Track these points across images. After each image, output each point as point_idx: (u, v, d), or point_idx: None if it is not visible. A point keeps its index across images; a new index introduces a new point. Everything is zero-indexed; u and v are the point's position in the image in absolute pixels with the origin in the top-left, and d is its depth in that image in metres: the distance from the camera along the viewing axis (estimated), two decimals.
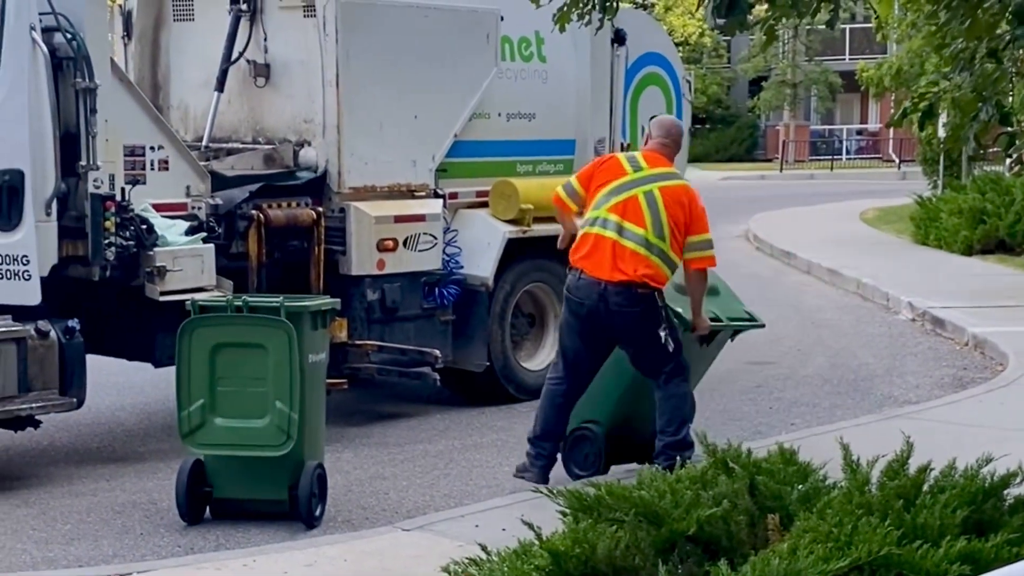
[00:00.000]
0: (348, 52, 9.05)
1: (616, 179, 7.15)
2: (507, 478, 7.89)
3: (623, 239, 7.04)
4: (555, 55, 10.40)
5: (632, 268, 7.01)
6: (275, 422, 6.81)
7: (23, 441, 8.48)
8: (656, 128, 7.50)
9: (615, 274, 7.01)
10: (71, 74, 7.71)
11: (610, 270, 7.02)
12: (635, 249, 7.04)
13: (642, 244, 7.06)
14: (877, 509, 4.52)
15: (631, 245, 7.04)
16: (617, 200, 7.09)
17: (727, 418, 9.56)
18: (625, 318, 7.03)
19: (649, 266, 7.05)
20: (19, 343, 7.47)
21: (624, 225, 7.06)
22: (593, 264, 7.06)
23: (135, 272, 8.01)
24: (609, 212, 7.08)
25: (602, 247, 7.06)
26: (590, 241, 7.11)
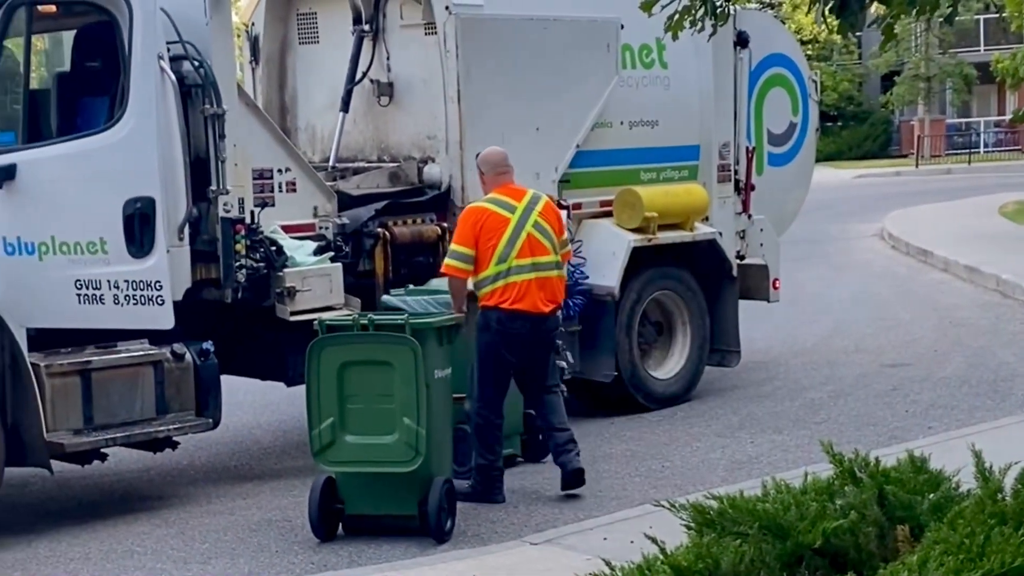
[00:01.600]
0: (469, 68, 9.12)
1: (504, 230, 7.63)
2: (637, 489, 7.88)
3: (542, 272, 7.69)
4: (677, 61, 10.35)
5: (557, 294, 7.83)
6: (403, 438, 6.89)
7: (162, 462, 8.70)
8: (487, 166, 7.92)
9: (548, 305, 7.74)
10: (199, 101, 7.88)
11: (544, 303, 7.70)
12: (557, 275, 7.81)
13: (555, 267, 7.79)
14: (1011, 518, 4.40)
15: (553, 274, 7.76)
16: (518, 246, 7.64)
17: (861, 423, 9.41)
18: (551, 338, 7.92)
19: (562, 287, 7.93)
20: (156, 366, 7.67)
21: (537, 261, 7.68)
22: (528, 304, 7.63)
23: (266, 293, 8.16)
24: (516, 258, 7.63)
25: (531, 289, 7.65)
26: (516, 288, 7.63)
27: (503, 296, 7.60)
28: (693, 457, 8.66)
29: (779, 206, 11.39)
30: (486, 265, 7.62)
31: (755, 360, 11.55)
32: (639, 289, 10.02)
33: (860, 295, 15.58)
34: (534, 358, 7.80)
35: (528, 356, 7.75)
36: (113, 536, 7.34)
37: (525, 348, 7.69)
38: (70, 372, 7.41)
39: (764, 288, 11.09)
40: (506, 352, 7.65)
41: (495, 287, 7.62)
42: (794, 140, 11.60)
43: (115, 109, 7.56)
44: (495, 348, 7.65)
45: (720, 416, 9.85)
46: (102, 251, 7.37)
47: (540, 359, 7.87)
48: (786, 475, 5.63)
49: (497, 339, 7.62)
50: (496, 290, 7.62)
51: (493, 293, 7.63)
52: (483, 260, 7.63)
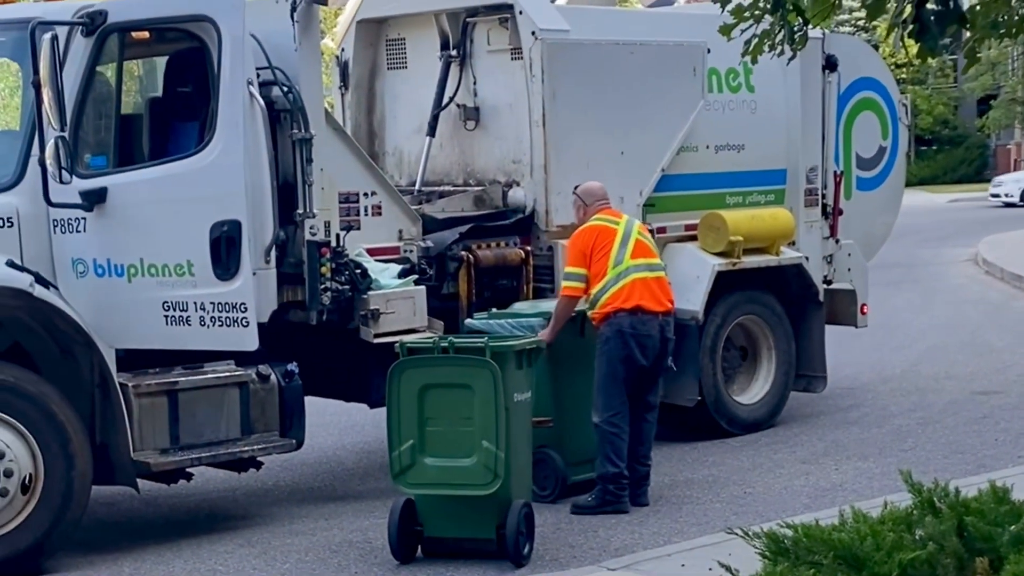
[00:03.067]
0: (555, 92, 9.15)
1: (614, 238, 8.08)
2: (718, 515, 7.83)
3: (656, 272, 8.13)
4: (763, 84, 10.31)
5: (671, 294, 8.21)
6: (482, 461, 6.92)
7: (247, 482, 8.81)
8: (589, 197, 8.36)
9: (666, 304, 8.11)
10: (288, 125, 7.99)
11: (663, 302, 8.08)
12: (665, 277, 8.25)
13: (663, 269, 8.28)
14: None
15: (663, 274, 8.24)
16: (630, 248, 8.07)
17: (950, 451, 9.28)
18: (669, 345, 8.15)
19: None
20: (241, 387, 7.77)
21: (650, 262, 8.14)
22: (650, 300, 8.00)
23: (350, 315, 8.24)
24: (631, 259, 8.03)
25: (650, 285, 8.04)
26: (636, 285, 8.01)
27: (627, 296, 7.97)
28: (776, 484, 8.59)
29: (868, 231, 11.28)
30: (603, 274, 8.04)
31: (842, 386, 11.42)
32: (723, 313, 9.98)
33: (952, 321, 15.35)
34: (657, 361, 8.07)
35: (653, 357, 8.02)
36: (197, 555, 7.44)
37: (653, 347, 7.99)
38: (157, 392, 7.53)
39: (852, 313, 10.98)
40: (638, 352, 7.94)
41: (616, 289, 7.99)
42: (884, 164, 11.48)
43: (204, 133, 7.67)
44: (625, 352, 7.95)
45: (805, 442, 9.75)
46: (189, 273, 7.48)
47: (658, 366, 8.13)
48: (866, 504, 5.57)
49: (628, 342, 7.94)
50: (618, 292, 7.98)
51: (616, 296, 7.99)
52: (598, 273, 8.04)
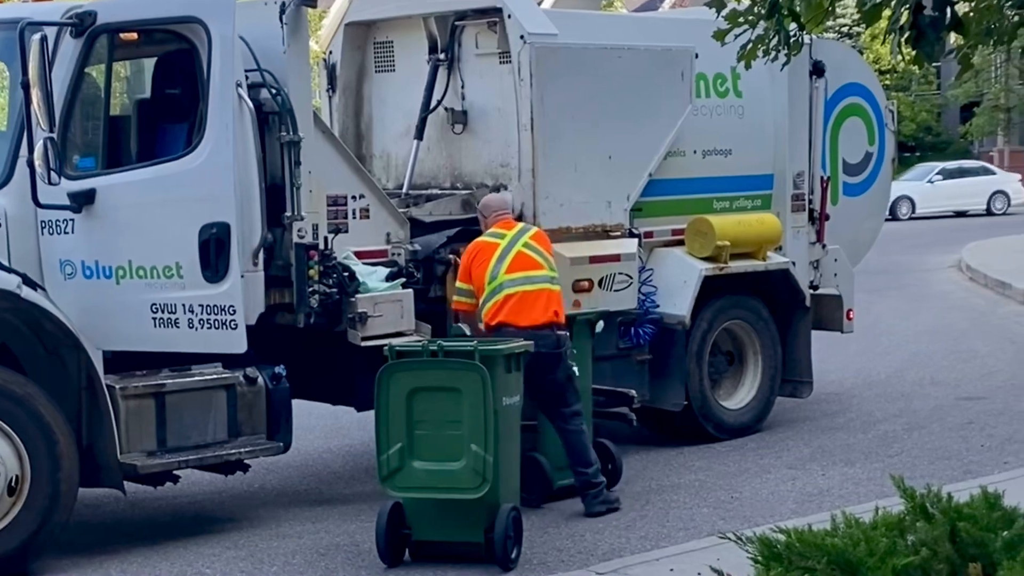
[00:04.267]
0: (543, 96, 9.13)
1: (494, 252, 8.03)
2: (705, 520, 7.83)
3: (536, 285, 7.94)
4: (751, 90, 10.32)
5: (552, 306, 7.94)
6: (470, 465, 6.91)
7: (234, 485, 8.78)
8: (487, 210, 8.37)
9: (539, 317, 7.87)
10: (276, 128, 7.97)
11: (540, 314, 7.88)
12: (549, 290, 7.98)
13: (548, 281, 8.00)
14: None
15: (546, 286, 7.97)
16: (507, 263, 7.98)
17: (936, 456, 9.30)
18: (556, 356, 7.90)
19: (559, 302, 8.02)
20: (228, 389, 7.74)
21: (529, 275, 7.96)
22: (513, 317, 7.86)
23: (338, 318, 8.21)
24: (506, 273, 7.95)
25: (526, 299, 7.90)
26: (509, 300, 7.91)
27: (495, 312, 7.93)
28: (763, 489, 8.59)
29: (854, 236, 11.29)
30: (482, 289, 8.03)
31: (828, 391, 11.44)
32: (710, 318, 9.98)
33: (936, 327, 15.39)
34: (542, 373, 7.81)
35: (538, 372, 7.72)
36: (183, 558, 7.41)
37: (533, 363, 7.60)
38: (145, 394, 7.51)
39: (838, 319, 11.00)
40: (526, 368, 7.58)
41: (491, 304, 7.97)
42: (870, 170, 11.50)
43: (193, 135, 7.66)
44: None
45: (791, 447, 9.76)
46: (177, 275, 7.46)
47: (544, 378, 7.87)
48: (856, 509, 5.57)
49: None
50: (491, 307, 7.96)
51: (490, 311, 7.97)
52: (479, 288, 8.05)
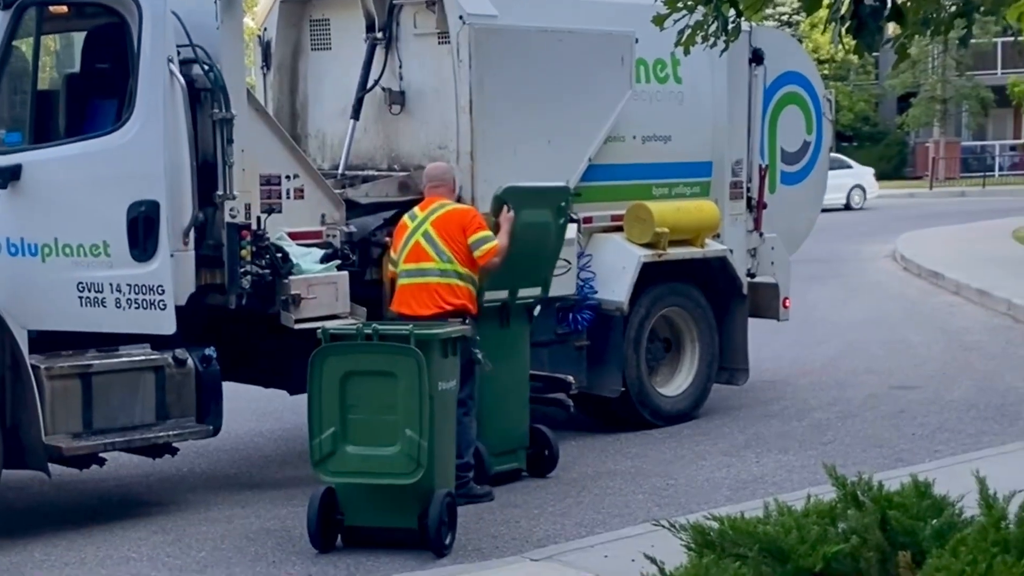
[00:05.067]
0: (482, 78, 9.06)
1: (403, 235, 8.04)
2: (640, 507, 7.81)
3: (423, 278, 7.87)
4: (691, 76, 10.29)
5: (439, 300, 7.83)
6: (405, 450, 6.83)
7: (162, 468, 8.64)
8: (424, 177, 8.31)
9: (422, 310, 7.81)
10: (208, 105, 7.84)
11: (420, 306, 7.82)
12: (436, 283, 7.86)
13: (438, 274, 7.86)
14: (1014, 547, 4.32)
15: (433, 280, 7.86)
16: (405, 252, 7.98)
17: (868, 445, 9.34)
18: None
19: (453, 294, 7.85)
20: (157, 371, 7.61)
21: (421, 267, 7.90)
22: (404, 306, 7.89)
23: (271, 300, 8.10)
24: (403, 263, 7.98)
25: (411, 291, 7.89)
26: (400, 291, 7.96)
27: (395, 298, 8.01)
28: (698, 475, 8.59)
29: (791, 224, 11.31)
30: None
31: (763, 379, 11.47)
32: (648, 305, 9.96)
33: (871, 316, 15.49)
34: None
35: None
36: (109, 542, 7.28)
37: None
38: (70, 375, 7.37)
39: (774, 307, 11.02)
40: None
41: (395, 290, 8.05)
42: (808, 159, 11.53)
43: (123, 111, 7.53)
44: None
45: (727, 435, 9.77)
46: (105, 254, 7.33)
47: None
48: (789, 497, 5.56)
49: None
50: (394, 293, 8.05)
51: (392, 297, 8.07)
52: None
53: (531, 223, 8.39)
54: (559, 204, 8.63)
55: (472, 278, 7.98)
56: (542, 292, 8.67)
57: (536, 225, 8.46)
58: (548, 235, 8.59)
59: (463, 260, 7.91)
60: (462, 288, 7.92)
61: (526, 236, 8.35)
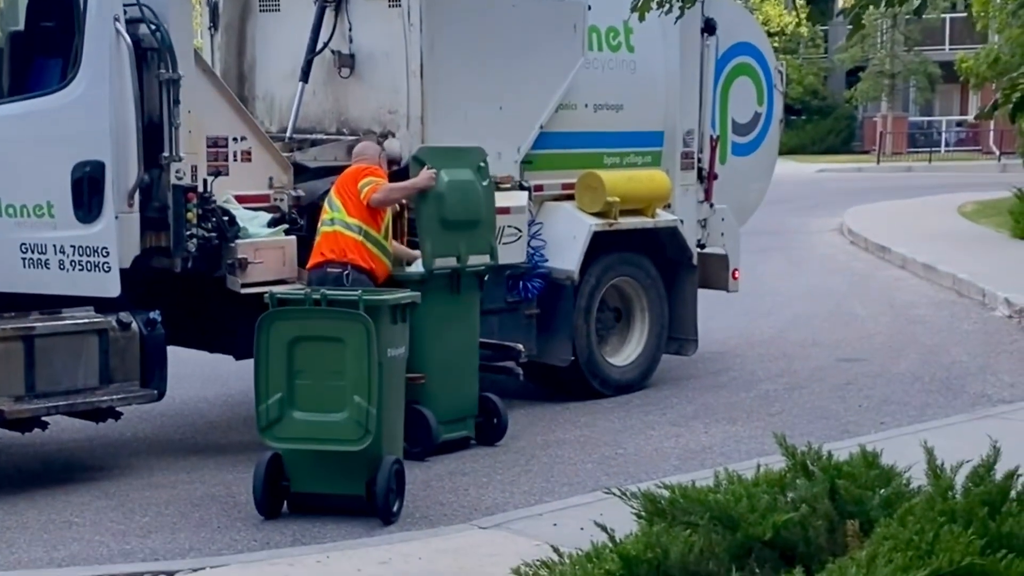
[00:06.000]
0: (433, 42, 8.97)
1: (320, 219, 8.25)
2: (589, 475, 7.79)
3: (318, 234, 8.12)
4: (643, 45, 10.25)
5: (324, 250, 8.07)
6: (353, 416, 6.77)
7: (105, 432, 8.53)
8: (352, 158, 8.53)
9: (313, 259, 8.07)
10: (155, 65, 7.71)
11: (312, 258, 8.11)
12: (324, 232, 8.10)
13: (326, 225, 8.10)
14: (961, 516, 4.33)
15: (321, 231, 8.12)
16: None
17: (815, 416, 9.37)
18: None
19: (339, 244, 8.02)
20: (100, 334, 7.50)
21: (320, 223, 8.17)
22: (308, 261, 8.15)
23: (217, 264, 8.01)
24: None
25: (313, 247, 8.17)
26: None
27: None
28: (647, 445, 8.59)
29: (741, 196, 11.33)
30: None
31: (712, 350, 11.49)
32: (599, 274, 9.93)
33: (818, 289, 15.56)
34: None
35: None
36: (51, 506, 7.19)
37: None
38: (12, 337, 7.24)
39: (724, 278, 11.03)
40: None
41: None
42: (758, 130, 11.54)
43: (68, 70, 7.40)
44: None
45: (675, 405, 9.78)
46: (49, 215, 7.22)
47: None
48: (739, 466, 5.55)
49: None
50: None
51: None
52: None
53: (456, 180, 8.44)
54: (478, 164, 8.62)
55: (364, 230, 8.07)
56: (491, 259, 8.65)
57: (461, 184, 8.47)
58: (476, 195, 8.57)
59: (352, 209, 8.06)
60: (349, 239, 8.03)
61: (454, 195, 8.39)
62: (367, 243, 8.05)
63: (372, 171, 8.23)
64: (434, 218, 8.35)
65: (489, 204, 8.70)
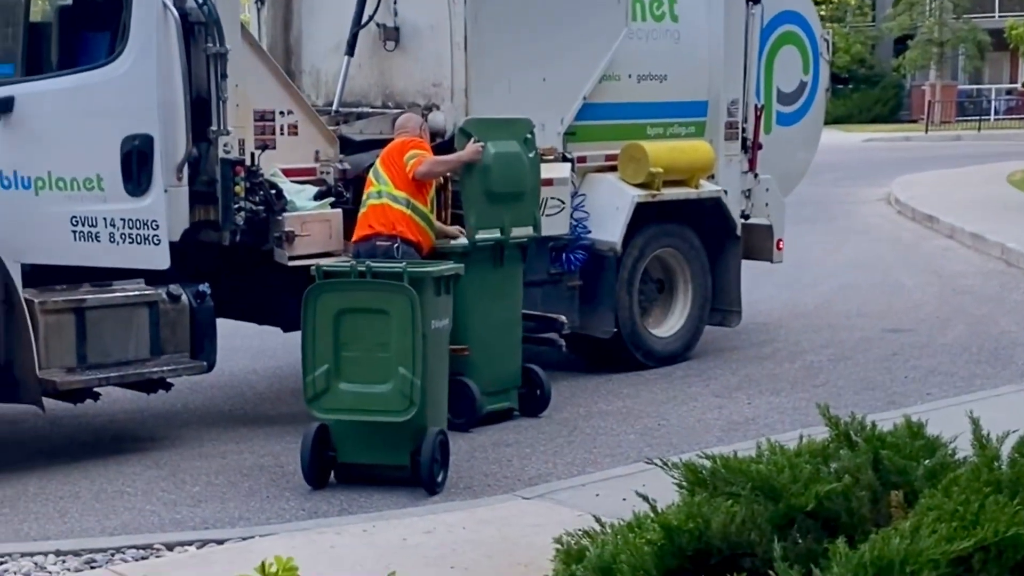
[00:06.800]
0: (477, 14, 8.99)
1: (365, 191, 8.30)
2: (632, 446, 7.83)
3: (364, 206, 8.16)
4: (688, 14, 10.23)
5: (371, 223, 8.09)
6: (398, 388, 6.83)
7: (156, 403, 8.65)
8: (395, 130, 8.54)
9: (360, 231, 8.12)
10: (202, 39, 7.75)
11: (358, 229, 8.14)
12: (371, 204, 8.12)
13: (373, 197, 8.13)
14: (1006, 487, 4.32)
15: (368, 204, 8.15)
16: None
17: (861, 387, 9.36)
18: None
19: (386, 217, 8.05)
20: (151, 307, 7.59)
21: (366, 196, 8.22)
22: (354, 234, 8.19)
23: (264, 237, 8.09)
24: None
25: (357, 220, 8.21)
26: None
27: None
28: (690, 416, 8.61)
29: (786, 166, 11.28)
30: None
31: (756, 321, 11.48)
32: (642, 245, 9.94)
33: (864, 259, 15.49)
34: None
35: None
36: (104, 476, 7.30)
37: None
38: (64, 309, 7.35)
39: (768, 249, 10.99)
40: None
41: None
42: (804, 99, 11.48)
43: (116, 44, 7.46)
44: None
45: (718, 376, 9.79)
46: (99, 188, 7.29)
47: None
48: (782, 437, 5.57)
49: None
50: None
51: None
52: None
53: (502, 153, 8.47)
54: (524, 136, 8.64)
55: (411, 203, 8.08)
56: (534, 231, 8.68)
57: (508, 155, 8.50)
58: (522, 167, 8.59)
59: (398, 182, 8.07)
60: (396, 212, 8.04)
61: (499, 167, 8.42)
62: (414, 216, 8.09)
63: (417, 143, 8.26)
64: (479, 190, 8.39)
65: (534, 176, 8.73)
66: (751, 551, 4.32)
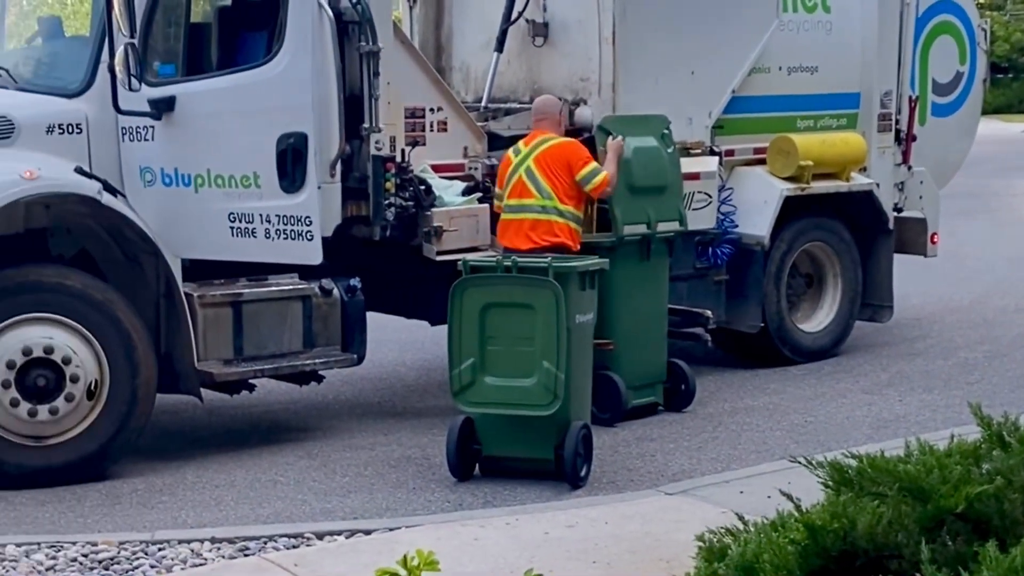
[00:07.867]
0: (625, 9, 9.00)
1: (507, 169, 8.11)
2: (778, 443, 7.78)
3: (523, 214, 7.95)
4: (840, 5, 10.11)
5: (535, 237, 7.88)
6: (542, 382, 6.88)
7: (308, 395, 8.85)
8: (532, 113, 8.38)
9: (521, 244, 7.88)
10: (355, 37, 7.89)
11: (517, 241, 7.91)
12: (534, 219, 7.90)
13: (539, 211, 7.90)
14: None
15: (530, 216, 7.91)
16: (509, 187, 8.05)
17: (1017, 385, 9.15)
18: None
19: (551, 231, 7.88)
20: (304, 300, 7.77)
21: (522, 203, 7.96)
22: (507, 240, 7.99)
23: (413, 232, 8.20)
24: (508, 199, 8.06)
25: (511, 227, 7.99)
26: (504, 225, 8.07)
27: (501, 232, 8.10)
28: (838, 413, 8.51)
29: (941, 158, 11.07)
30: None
31: (908, 316, 11.28)
32: (790, 239, 9.85)
33: (1022, 253, 15.09)
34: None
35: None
36: (258, 465, 7.50)
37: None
38: (222, 303, 7.56)
39: (921, 242, 10.81)
40: None
41: (499, 223, 8.13)
42: (960, 90, 11.25)
43: (272, 44, 7.63)
44: None
45: (868, 373, 9.65)
46: (255, 185, 7.47)
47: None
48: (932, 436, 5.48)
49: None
50: (499, 226, 8.13)
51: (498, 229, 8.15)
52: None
53: (641, 147, 8.48)
54: (661, 131, 8.62)
55: (574, 215, 8.00)
56: (680, 225, 8.66)
57: (647, 149, 8.51)
58: (662, 161, 8.58)
59: (564, 196, 7.95)
60: (561, 225, 7.94)
61: (639, 162, 8.42)
62: (576, 225, 8.06)
63: (585, 157, 8.07)
64: (622, 184, 8.40)
65: (675, 170, 8.71)
66: (897, 553, 4.27)
